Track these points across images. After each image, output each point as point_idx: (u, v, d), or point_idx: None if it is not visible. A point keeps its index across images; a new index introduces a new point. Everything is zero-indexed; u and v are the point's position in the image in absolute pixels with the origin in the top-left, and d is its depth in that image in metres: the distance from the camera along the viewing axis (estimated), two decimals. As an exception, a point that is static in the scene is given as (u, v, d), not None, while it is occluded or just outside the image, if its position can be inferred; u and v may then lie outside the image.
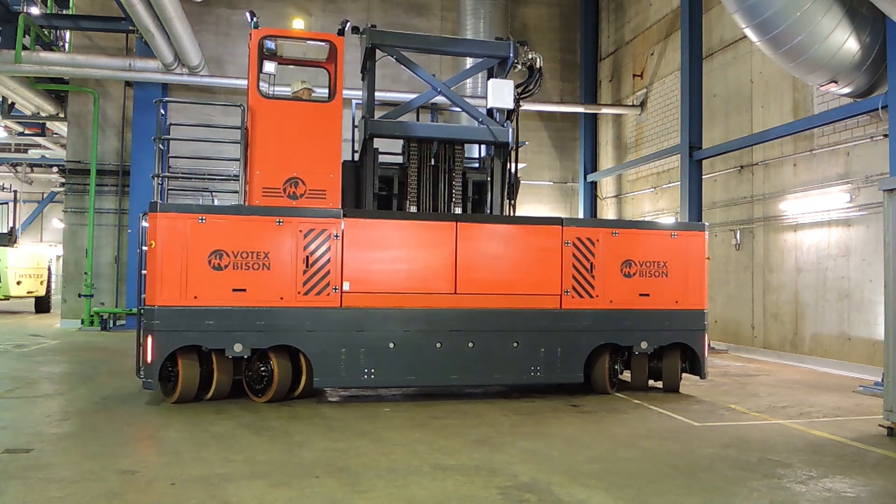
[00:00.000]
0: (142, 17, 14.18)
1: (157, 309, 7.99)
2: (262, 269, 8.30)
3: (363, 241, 8.69)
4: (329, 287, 8.50)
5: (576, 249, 9.38)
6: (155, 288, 8.03)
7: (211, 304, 8.13)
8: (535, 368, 9.13)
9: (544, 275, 9.28)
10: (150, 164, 17.87)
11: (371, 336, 8.62)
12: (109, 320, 17.56)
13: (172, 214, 8.13)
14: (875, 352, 11.13)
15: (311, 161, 8.98)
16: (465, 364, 8.90)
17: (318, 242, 8.49)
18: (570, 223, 9.49)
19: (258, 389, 8.49)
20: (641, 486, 5.45)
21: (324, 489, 5.23)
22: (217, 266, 8.15)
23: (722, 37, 15.39)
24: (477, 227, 9.14)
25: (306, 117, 9.13)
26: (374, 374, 8.62)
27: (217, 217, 8.28)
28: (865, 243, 11.60)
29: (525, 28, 21.56)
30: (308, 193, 8.89)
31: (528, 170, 19.93)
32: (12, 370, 10.66)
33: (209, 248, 8.14)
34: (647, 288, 9.64)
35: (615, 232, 9.62)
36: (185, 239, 8.07)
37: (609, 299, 9.48)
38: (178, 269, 8.04)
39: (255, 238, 8.31)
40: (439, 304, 8.90)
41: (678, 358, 9.78)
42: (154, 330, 7.95)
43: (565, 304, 9.31)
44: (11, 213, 26.23)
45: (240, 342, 8.17)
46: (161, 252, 8.02)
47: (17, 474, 5.41)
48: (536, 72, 10.21)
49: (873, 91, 11.16)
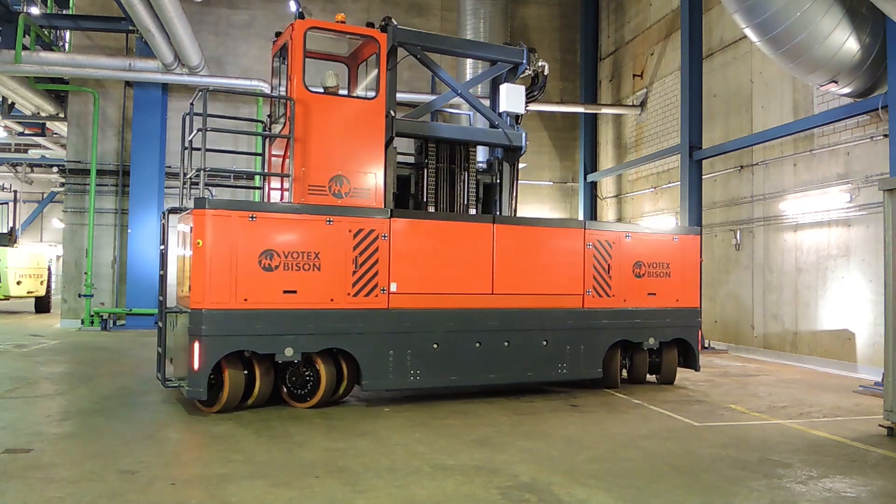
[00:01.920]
0: (142, 17, 14.19)
1: (206, 312, 7.47)
2: (313, 270, 8.01)
3: (409, 241, 8.65)
4: (377, 288, 8.37)
5: (596, 251, 9.84)
6: (202, 290, 7.49)
7: (261, 306, 7.73)
8: (562, 365, 9.47)
9: (569, 275, 9.67)
10: (151, 164, 17.94)
11: (417, 337, 8.59)
12: (109, 320, 17.56)
13: (223, 212, 7.64)
14: (875, 352, 11.12)
15: (355, 159, 8.83)
16: (501, 363, 9.10)
17: (367, 242, 8.33)
18: (591, 226, 9.96)
19: (300, 395, 8.17)
20: (641, 486, 5.45)
21: (324, 489, 5.23)
22: (267, 267, 7.77)
23: (722, 37, 15.39)
24: (511, 228, 9.33)
25: (351, 114, 8.95)
26: (420, 376, 8.60)
27: (268, 215, 7.91)
28: (865, 243, 11.60)
29: (525, 28, 21.55)
30: (352, 192, 8.75)
31: (528, 170, 19.93)
32: (12, 370, 10.65)
33: (260, 248, 7.75)
34: (654, 287, 10.25)
35: (628, 235, 10.18)
36: (235, 238, 7.64)
37: (623, 298, 10.00)
38: (228, 269, 7.59)
39: (306, 238, 8.02)
40: (478, 304, 9.04)
41: (675, 352, 10.42)
42: (202, 335, 7.43)
43: (587, 304, 9.72)
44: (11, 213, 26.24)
45: (291, 346, 7.83)
46: (210, 252, 7.53)
47: (17, 474, 5.41)
48: (542, 78, 10.40)
49: (873, 91, 11.16)
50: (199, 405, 7.85)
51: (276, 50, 9.63)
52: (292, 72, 8.68)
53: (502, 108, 10.12)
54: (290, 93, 8.61)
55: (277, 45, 9.52)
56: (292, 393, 8.20)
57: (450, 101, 10.64)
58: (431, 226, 8.89)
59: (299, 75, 8.60)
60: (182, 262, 8.57)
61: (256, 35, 19.63)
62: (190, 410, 7.93)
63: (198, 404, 7.86)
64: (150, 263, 17.89)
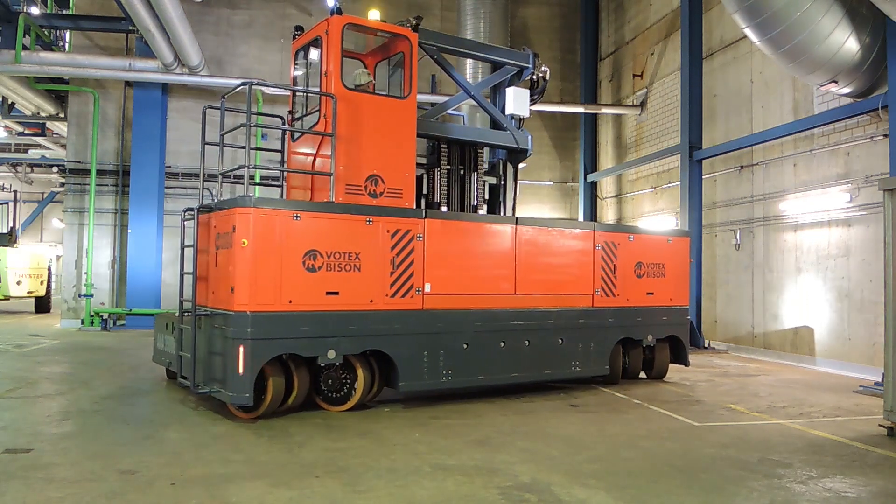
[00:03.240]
0: (142, 18, 14.19)
1: (252, 315, 7.21)
2: (354, 271, 7.88)
3: (442, 242, 8.68)
4: (413, 289, 8.35)
5: (604, 252, 10.17)
6: (248, 291, 7.23)
7: (305, 308, 7.55)
8: (575, 363, 9.75)
9: (581, 275, 9.98)
10: (151, 164, 17.94)
11: (449, 337, 8.63)
12: (109, 320, 17.55)
13: (268, 210, 7.40)
14: (875, 352, 11.12)
15: (389, 158, 8.74)
16: (523, 361, 9.27)
17: (403, 243, 8.29)
18: (600, 228, 10.29)
19: (335, 399, 8.02)
20: (641, 486, 5.45)
21: (324, 489, 5.23)
22: (311, 267, 7.59)
23: (722, 37, 15.39)
24: (531, 229, 9.50)
25: (385, 112, 8.81)
26: (451, 375, 8.63)
27: (312, 214, 7.69)
28: (865, 243, 11.59)
29: (525, 28, 21.55)
30: (387, 192, 8.66)
31: (528, 170, 19.93)
32: (12, 370, 10.65)
33: (304, 248, 7.55)
34: (651, 287, 10.69)
35: (631, 237, 10.58)
36: (280, 238, 7.41)
37: (626, 298, 10.38)
38: (273, 270, 7.35)
39: (348, 238, 7.88)
40: (502, 304, 9.17)
41: (667, 349, 10.88)
42: (249, 338, 7.16)
43: (596, 303, 10.05)
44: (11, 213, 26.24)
45: (333, 348, 7.68)
46: (255, 252, 7.27)
47: (17, 474, 5.41)
48: (543, 83, 10.58)
49: (873, 91, 11.16)
50: (237, 411, 7.56)
51: (300, 45, 9.38)
52: (329, 68, 8.46)
53: (509, 111, 10.24)
54: (327, 89, 8.40)
55: (302, 40, 9.30)
56: (327, 396, 8.03)
57: (462, 102, 10.64)
58: (461, 226, 8.96)
59: (338, 72, 8.41)
60: (210, 261, 8.07)
61: (256, 35, 19.64)
62: (190, 410, 7.92)
63: (234, 410, 7.58)
64: (150, 263, 17.92)
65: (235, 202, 7.48)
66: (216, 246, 7.87)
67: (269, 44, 19.68)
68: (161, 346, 9.62)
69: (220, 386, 7.39)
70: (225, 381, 7.31)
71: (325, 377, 7.99)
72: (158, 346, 9.75)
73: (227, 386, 7.26)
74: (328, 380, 8.00)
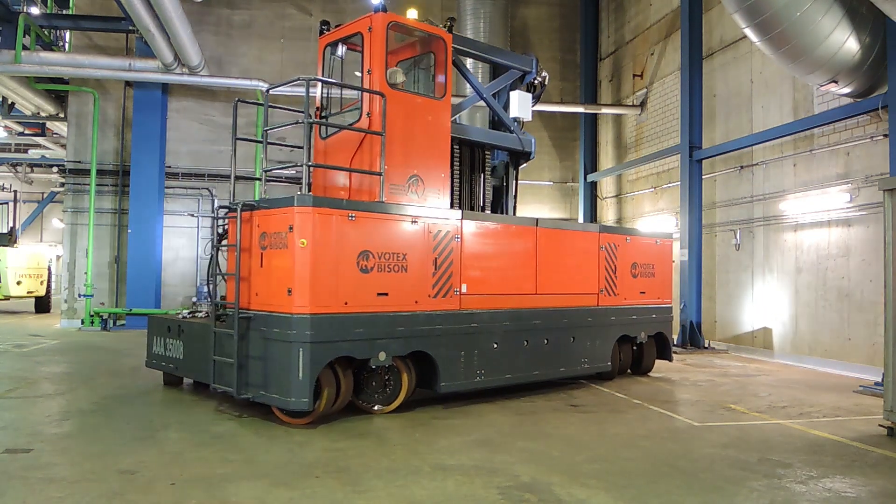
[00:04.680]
0: (142, 17, 14.19)
1: (312, 317, 7.01)
2: (401, 272, 7.82)
3: (476, 242, 8.77)
4: (451, 290, 8.37)
5: (607, 253, 10.56)
6: (307, 293, 7.03)
7: (360, 309, 7.43)
8: (584, 360, 10.12)
9: (589, 275, 10.32)
10: (151, 164, 17.95)
11: (482, 337, 8.72)
12: (109, 320, 17.56)
13: (326, 210, 7.23)
14: (875, 352, 11.12)
15: (428, 159, 8.75)
16: (543, 359, 9.51)
17: (444, 243, 8.31)
18: (604, 230, 10.69)
19: (378, 400, 7.93)
20: (641, 486, 5.44)
21: (324, 489, 5.23)
22: (364, 268, 7.48)
23: (722, 37, 15.39)
24: (547, 231, 9.74)
25: (424, 113, 8.81)
26: (484, 375, 8.70)
27: (365, 215, 7.56)
28: (865, 243, 11.59)
29: (525, 28, 21.56)
30: (426, 192, 8.68)
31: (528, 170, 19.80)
32: (12, 370, 10.65)
33: (358, 248, 7.44)
34: (644, 287, 11.22)
35: (628, 238, 11.04)
36: (336, 238, 7.28)
37: (624, 297, 10.82)
38: (331, 271, 7.21)
39: (396, 238, 7.83)
40: (525, 304, 9.34)
41: (654, 345, 11.40)
42: (309, 341, 6.97)
43: (601, 302, 10.42)
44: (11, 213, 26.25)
45: (384, 350, 7.60)
46: (315, 252, 7.09)
47: (17, 474, 5.41)
48: (541, 88, 10.79)
49: (873, 91, 11.15)
50: (287, 417, 7.31)
51: (330, 40, 9.23)
52: (373, 66, 8.35)
53: (513, 114, 10.32)
54: (371, 87, 8.28)
55: (334, 35, 9.16)
56: (370, 399, 7.91)
57: (474, 103, 10.63)
58: (492, 228, 9.06)
59: (383, 70, 8.32)
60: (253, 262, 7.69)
61: (256, 35, 19.64)
62: (190, 410, 7.92)
63: (282, 416, 7.35)
64: (150, 264, 17.92)
65: (292, 200, 7.20)
66: (261, 246, 7.55)
67: (269, 44, 19.69)
68: (159, 350, 9.30)
69: (274, 391, 7.13)
70: (281, 385, 7.07)
71: (369, 379, 7.86)
72: (155, 350, 9.41)
73: (284, 391, 7.02)
74: (371, 382, 7.88)
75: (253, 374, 7.45)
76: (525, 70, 10.55)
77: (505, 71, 10.59)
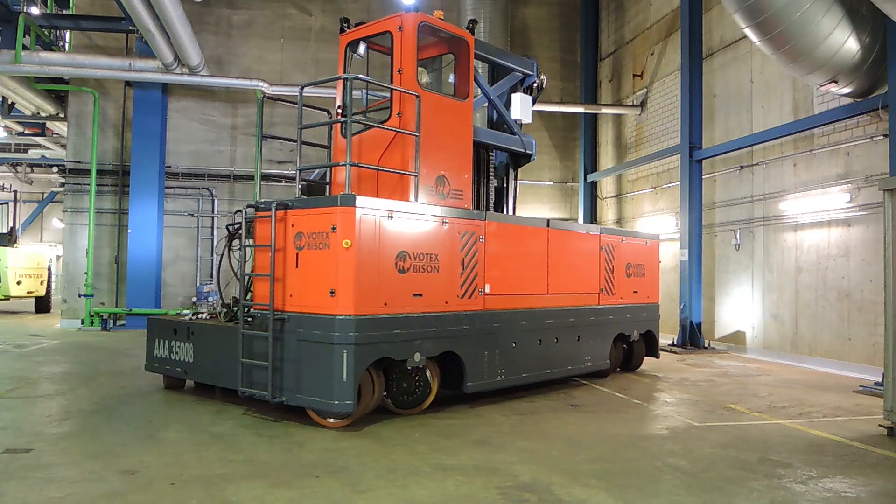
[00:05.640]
0: (142, 18, 14.19)
1: (357, 319, 6.99)
2: (433, 272, 7.82)
3: (497, 243, 8.83)
4: (476, 290, 8.42)
5: (606, 254, 10.82)
6: (351, 294, 6.95)
7: (397, 310, 7.40)
8: (588, 358, 10.35)
9: (591, 276, 10.56)
10: (151, 164, 17.96)
11: (503, 337, 8.80)
12: (109, 320, 17.56)
13: (369, 210, 7.15)
14: (875, 352, 11.12)
15: (453, 159, 8.79)
16: (553, 358, 9.66)
17: (470, 244, 8.35)
18: (604, 231, 10.97)
19: (408, 401, 7.89)
20: (641, 486, 5.44)
21: (324, 489, 5.23)
22: (402, 269, 7.47)
23: (722, 37, 15.39)
24: (557, 232, 9.92)
25: (450, 113, 8.87)
26: (504, 374, 8.77)
27: (403, 215, 7.53)
28: (865, 243, 11.59)
29: (525, 28, 21.56)
30: (451, 193, 8.71)
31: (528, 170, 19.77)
32: (12, 370, 10.65)
33: (396, 249, 7.41)
34: (636, 286, 11.56)
35: (623, 239, 11.33)
36: (377, 238, 7.23)
37: (620, 296, 11.11)
38: (373, 272, 7.16)
39: (430, 239, 7.83)
40: (539, 303, 9.49)
41: (643, 343, 11.72)
42: (353, 343, 6.91)
43: (601, 301, 10.69)
44: (11, 213, 26.24)
45: (418, 351, 7.60)
46: (359, 253, 7.02)
47: (17, 474, 5.41)
48: (538, 92, 10.91)
49: (873, 91, 11.15)
50: (323, 420, 7.26)
51: (353, 38, 9.16)
52: (404, 66, 8.31)
53: (514, 116, 10.40)
54: (402, 87, 8.28)
55: (358, 33, 9.11)
56: (399, 400, 7.85)
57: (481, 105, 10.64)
58: (510, 228, 9.15)
59: (413, 70, 8.30)
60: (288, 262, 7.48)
61: (256, 35, 19.64)
62: (190, 410, 7.92)
63: (318, 418, 7.29)
64: (150, 263, 17.92)
65: (336, 200, 7.10)
66: (296, 246, 7.38)
67: (269, 44, 19.69)
68: (162, 353, 9.06)
69: (314, 394, 7.05)
70: (321, 388, 6.99)
71: (399, 381, 7.80)
72: (158, 353, 9.15)
73: (326, 393, 6.94)
74: (402, 383, 7.83)
75: (287, 376, 7.30)
76: (527, 73, 10.63)
77: (507, 73, 10.59)
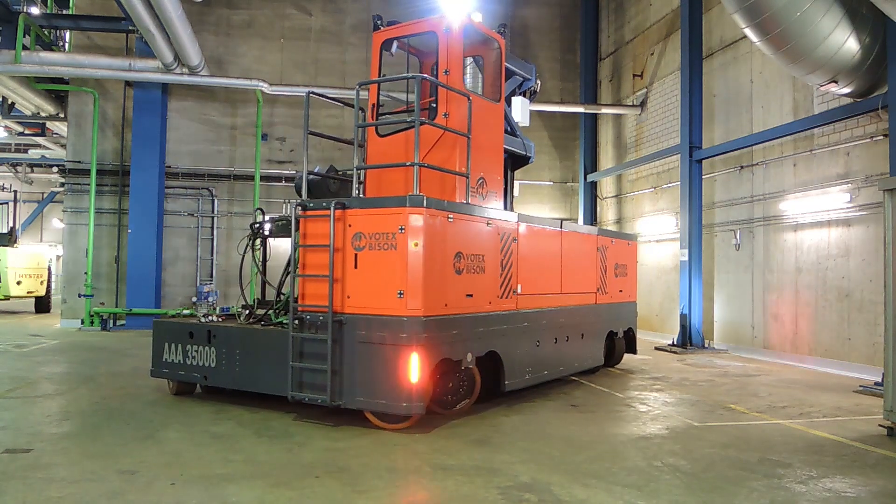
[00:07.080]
0: (142, 17, 14.19)
1: (425, 320, 6.94)
2: (480, 273, 7.84)
3: (527, 244, 8.93)
4: (511, 290, 8.49)
5: (601, 254, 11.12)
6: (420, 295, 6.91)
7: (455, 311, 7.40)
8: (588, 355, 10.64)
9: (591, 275, 10.83)
10: (151, 164, 17.96)
11: (531, 336, 8.90)
12: (109, 320, 17.56)
13: (435, 211, 7.12)
14: (875, 352, 11.12)
15: (490, 161, 8.89)
16: (565, 356, 9.87)
17: (507, 245, 8.44)
18: (600, 233, 11.31)
19: (451, 402, 7.86)
20: (641, 486, 5.44)
21: (324, 489, 5.23)
22: (458, 269, 7.46)
23: (722, 37, 15.39)
24: (567, 233, 10.14)
25: (487, 115, 8.94)
26: (530, 373, 8.85)
27: (459, 216, 7.53)
28: (865, 243, 11.59)
29: (525, 28, 21.56)
30: (489, 194, 8.77)
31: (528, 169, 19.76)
32: (12, 370, 10.65)
33: (454, 250, 7.42)
34: (622, 285, 11.94)
35: (613, 241, 11.74)
36: (439, 239, 7.22)
37: (611, 295, 11.45)
38: (437, 273, 7.15)
39: (479, 240, 7.89)
40: (556, 303, 9.68)
41: (623, 339, 12.12)
42: (424, 344, 6.86)
43: (597, 300, 10.99)
44: (11, 213, 26.24)
45: (470, 351, 7.57)
46: (426, 254, 6.98)
47: (17, 474, 5.41)
48: (533, 94, 11.08)
49: (873, 91, 11.15)
50: (383, 422, 7.19)
51: (391, 37, 9.07)
52: (451, 67, 8.35)
53: (515, 119, 10.39)
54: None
55: (398, 31, 9.03)
56: (442, 401, 7.78)
57: None
58: (536, 230, 9.29)
59: (460, 71, 8.39)
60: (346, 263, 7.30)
61: (256, 35, 19.65)
62: (190, 410, 7.92)
63: (377, 421, 7.22)
64: (150, 263, 17.93)
65: (404, 201, 7.03)
66: (355, 247, 7.25)
67: (269, 44, 19.69)
68: (174, 359, 8.58)
69: (379, 396, 6.98)
70: (388, 390, 6.91)
71: (445, 381, 7.69)
72: (168, 357, 8.66)
73: (393, 396, 6.88)
74: (448, 383, 7.75)
75: (346, 379, 7.19)
76: (527, 77, 10.69)
77: (510, 76, 10.60)
